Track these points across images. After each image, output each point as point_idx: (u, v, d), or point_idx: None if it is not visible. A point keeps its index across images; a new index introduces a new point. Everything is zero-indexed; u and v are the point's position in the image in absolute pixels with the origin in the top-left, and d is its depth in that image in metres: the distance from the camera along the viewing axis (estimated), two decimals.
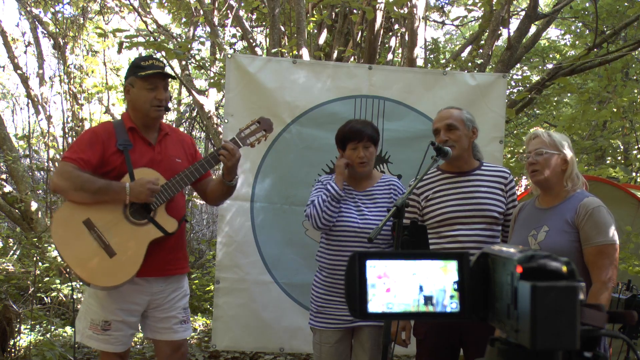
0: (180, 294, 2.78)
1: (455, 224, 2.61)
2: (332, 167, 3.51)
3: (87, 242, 2.54)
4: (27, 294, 5.36)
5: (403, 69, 5.10)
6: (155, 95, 2.65)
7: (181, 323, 2.75)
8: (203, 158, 2.72)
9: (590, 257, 2.34)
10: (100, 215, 2.56)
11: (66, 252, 2.54)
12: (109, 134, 2.65)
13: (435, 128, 2.69)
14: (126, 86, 2.72)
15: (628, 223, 4.03)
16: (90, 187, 2.52)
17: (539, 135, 2.51)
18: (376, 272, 0.88)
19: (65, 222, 2.58)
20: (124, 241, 2.56)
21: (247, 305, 3.45)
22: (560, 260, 0.80)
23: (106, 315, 2.62)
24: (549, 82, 5.74)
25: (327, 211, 2.71)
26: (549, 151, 2.45)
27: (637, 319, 0.91)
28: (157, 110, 2.68)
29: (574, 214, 2.38)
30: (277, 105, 3.51)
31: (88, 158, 2.57)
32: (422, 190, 2.72)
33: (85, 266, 2.53)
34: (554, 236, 2.39)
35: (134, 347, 5.01)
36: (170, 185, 2.63)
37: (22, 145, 8.21)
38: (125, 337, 2.67)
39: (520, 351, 0.81)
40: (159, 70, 2.66)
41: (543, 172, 2.45)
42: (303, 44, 4.99)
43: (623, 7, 6.65)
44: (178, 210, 2.74)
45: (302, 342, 3.46)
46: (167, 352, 2.74)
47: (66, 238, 2.55)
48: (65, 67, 7.72)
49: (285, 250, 3.49)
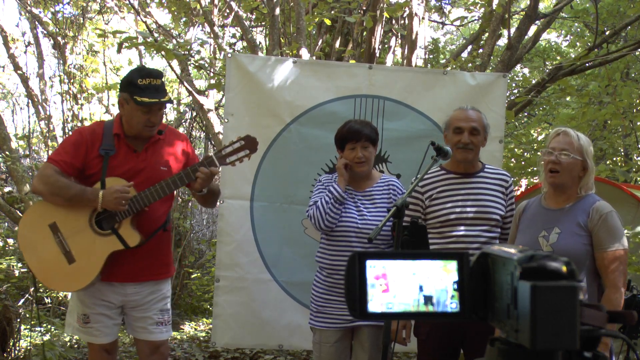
0: (158, 297, 2.78)
1: (459, 225, 2.61)
2: (331, 166, 3.51)
3: (50, 246, 2.58)
4: (27, 294, 5.36)
5: (403, 68, 5.10)
6: (149, 117, 2.64)
7: (157, 324, 2.76)
8: (176, 175, 2.65)
9: (604, 262, 2.33)
10: (66, 221, 2.59)
11: (29, 255, 2.62)
12: (96, 137, 2.65)
13: (458, 126, 2.64)
14: (120, 99, 2.68)
15: (628, 223, 4.02)
16: (65, 193, 2.55)
17: (568, 134, 2.41)
18: (376, 272, 0.88)
19: (31, 224, 2.64)
20: (85, 249, 2.59)
21: (246, 303, 3.47)
22: (560, 260, 0.80)
23: (84, 309, 2.67)
24: (549, 83, 5.74)
25: (331, 213, 2.72)
26: (575, 156, 2.36)
27: (637, 319, 0.91)
28: (150, 130, 2.68)
29: (586, 218, 2.36)
30: (277, 104, 3.51)
31: (71, 161, 2.59)
32: (426, 190, 2.71)
33: (44, 270, 2.60)
34: (566, 238, 2.37)
35: (133, 346, 5.00)
36: (139, 197, 2.59)
37: (22, 145, 8.21)
38: (107, 327, 2.70)
39: (520, 351, 0.81)
40: (155, 101, 2.60)
41: (562, 176, 2.38)
42: (303, 44, 4.99)
43: (624, 7, 6.65)
44: (153, 220, 2.72)
45: (301, 340, 3.48)
46: (146, 352, 2.77)
47: (30, 240, 2.62)
48: (65, 67, 7.71)
49: (284, 248, 3.50)
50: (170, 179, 2.63)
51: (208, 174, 2.61)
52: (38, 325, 4.82)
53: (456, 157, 2.68)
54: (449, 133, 2.70)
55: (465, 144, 2.60)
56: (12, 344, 4.23)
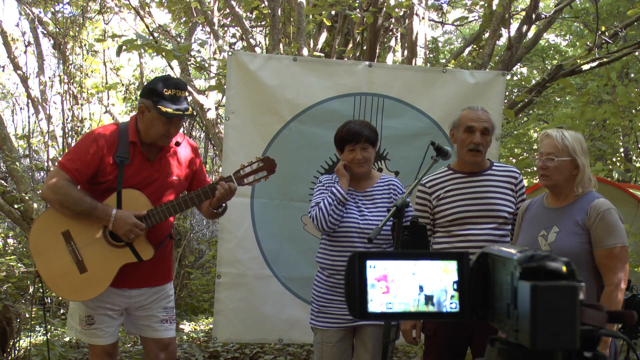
0: (162, 296, 2.79)
1: (467, 224, 2.61)
2: (331, 164, 3.54)
3: (62, 254, 2.56)
4: (27, 294, 5.36)
5: (403, 66, 5.11)
6: (169, 128, 2.62)
7: (162, 322, 2.77)
8: (194, 192, 2.64)
9: (602, 260, 2.33)
10: (80, 230, 2.57)
11: (39, 261, 2.59)
12: (111, 143, 2.60)
13: (470, 125, 2.63)
14: (141, 106, 2.63)
15: (628, 223, 4.03)
16: (76, 207, 2.52)
17: (551, 137, 2.43)
18: (376, 272, 0.88)
19: (44, 230, 2.60)
20: (97, 260, 2.57)
21: (247, 299, 3.51)
22: (560, 260, 0.80)
23: (88, 310, 2.65)
24: (549, 83, 5.74)
25: (333, 214, 2.72)
26: (560, 158, 2.38)
27: (637, 319, 0.91)
28: (167, 141, 2.66)
29: (584, 216, 2.36)
30: (278, 102, 3.52)
31: (84, 169, 2.55)
32: (434, 190, 2.72)
33: (54, 278, 2.58)
34: (564, 238, 2.38)
35: (133, 347, 5.01)
36: (156, 212, 2.59)
37: (22, 145, 8.21)
38: (110, 328, 2.70)
39: (520, 351, 0.81)
40: (180, 113, 2.57)
41: (552, 179, 2.42)
42: (303, 44, 4.99)
43: (624, 7, 6.64)
44: (162, 231, 2.72)
45: (300, 334, 3.53)
46: (155, 350, 2.77)
47: (42, 246, 2.59)
48: (65, 67, 7.71)
49: (284, 245, 3.54)
50: (188, 196, 2.62)
51: (228, 190, 2.61)
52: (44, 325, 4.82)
53: (465, 159, 2.67)
54: (458, 132, 2.68)
55: (477, 144, 2.60)
56: (12, 344, 4.23)
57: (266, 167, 2.71)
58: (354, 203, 2.81)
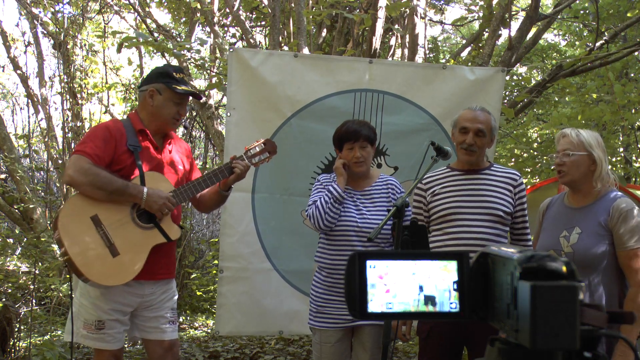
0: (169, 295, 2.79)
1: (458, 220, 2.58)
2: (331, 160, 3.56)
3: (93, 238, 2.54)
4: (27, 294, 5.37)
5: (403, 63, 5.11)
6: (178, 110, 2.74)
7: (169, 323, 2.77)
8: (217, 169, 2.75)
9: (626, 261, 2.33)
10: (109, 214, 2.57)
11: (71, 245, 2.52)
12: (121, 132, 2.65)
13: (463, 126, 2.62)
14: (151, 90, 2.71)
15: None
16: (108, 187, 2.52)
17: (567, 135, 2.47)
18: (376, 272, 0.88)
19: (73, 215, 2.57)
20: (129, 243, 2.57)
21: (249, 292, 3.55)
22: (560, 260, 0.80)
23: (100, 315, 2.62)
24: (550, 83, 5.74)
25: (330, 213, 2.72)
26: (576, 152, 2.41)
27: (637, 319, 0.91)
28: (176, 123, 2.78)
29: (607, 217, 2.36)
30: (278, 98, 3.54)
31: (103, 155, 2.56)
32: (430, 186, 2.71)
33: (87, 262, 2.52)
34: (587, 239, 2.37)
35: (134, 347, 5.01)
36: (179, 192, 2.65)
37: (22, 145, 8.21)
38: (119, 334, 2.68)
39: (520, 351, 0.81)
40: (193, 90, 2.73)
41: (569, 174, 2.43)
42: (303, 43, 4.99)
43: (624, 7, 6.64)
44: (177, 217, 2.77)
45: (300, 326, 3.57)
46: (159, 352, 2.75)
47: (73, 231, 2.54)
48: (66, 66, 7.71)
49: (284, 238, 3.58)
50: (206, 176, 2.72)
51: (247, 166, 2.76)
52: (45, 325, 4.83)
53: (459, 157, 2.68)
54: (455, 131, 2.69)
55: (469, 145, 2.59)
56: (12, 344, 4.23)
57: (268, 148, 2.86)
58: (352, 202, 2.81)
